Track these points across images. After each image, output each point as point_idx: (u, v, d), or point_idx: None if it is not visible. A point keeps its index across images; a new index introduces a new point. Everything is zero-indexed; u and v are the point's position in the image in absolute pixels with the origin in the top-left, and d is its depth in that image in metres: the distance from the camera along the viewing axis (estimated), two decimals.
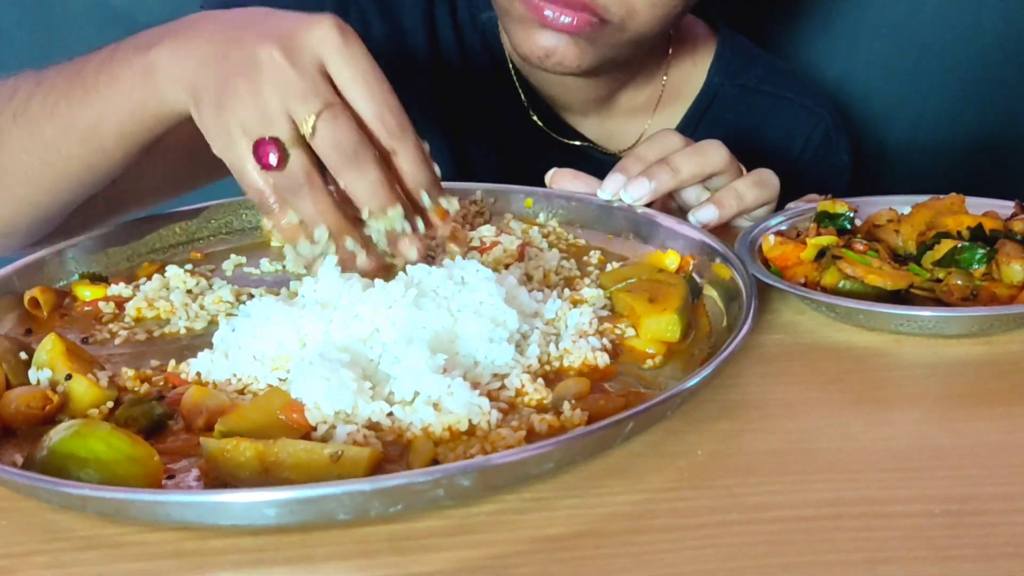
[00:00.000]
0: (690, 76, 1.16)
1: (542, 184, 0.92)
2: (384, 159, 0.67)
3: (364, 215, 0.68)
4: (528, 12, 0.94)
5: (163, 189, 0.98)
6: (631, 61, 1.06)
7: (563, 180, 0.90)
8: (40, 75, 0.80)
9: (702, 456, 0.57)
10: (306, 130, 0.64)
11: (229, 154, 0.67)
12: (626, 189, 0.85)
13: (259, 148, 0.64)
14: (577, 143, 1.14)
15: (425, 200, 0.69)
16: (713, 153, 0.87)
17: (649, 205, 0.86)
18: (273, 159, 0.64)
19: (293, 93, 0.64)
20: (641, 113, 1.16)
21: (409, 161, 0.68)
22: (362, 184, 0.66)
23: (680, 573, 0.48)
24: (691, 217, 0.85)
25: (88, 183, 0.80)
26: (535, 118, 1.13)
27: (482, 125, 1.14)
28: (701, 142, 0.88)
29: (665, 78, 1.15)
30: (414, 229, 0.69)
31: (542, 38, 0.95)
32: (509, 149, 1.14)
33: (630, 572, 0.48)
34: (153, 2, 1.34)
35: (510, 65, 1.12)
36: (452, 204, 0.71)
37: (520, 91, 1.13)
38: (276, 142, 0.64)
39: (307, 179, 0.66)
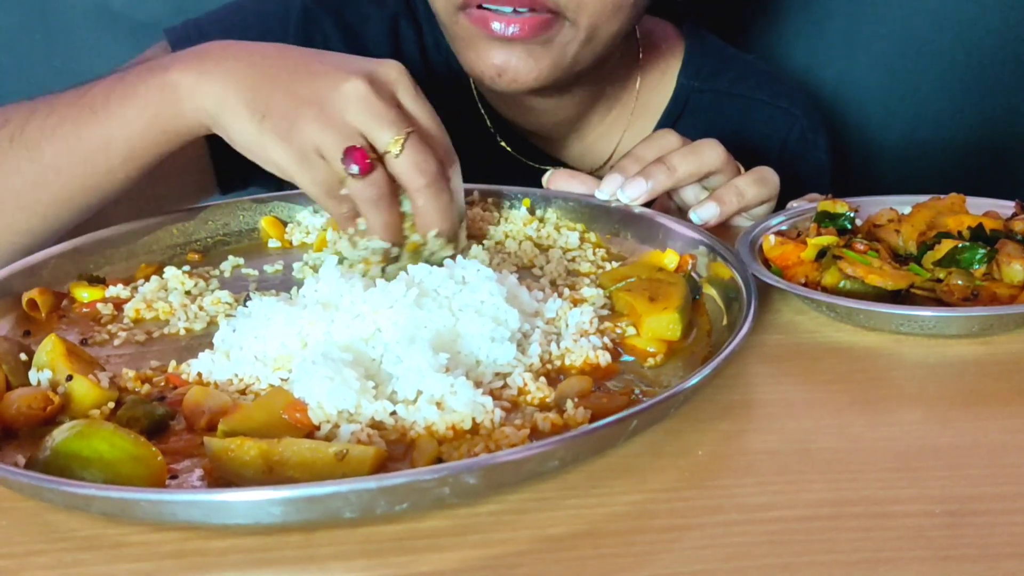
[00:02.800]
0: (660, 84, 1.13)
1: None
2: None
3: (420, 237, 0.74)
4: (474, 25, 0.91)
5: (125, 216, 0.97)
6: (599, 76, 1.02)
7: (560, 181, 0.90)
8: (34, 103, 0.81)
9: (702, 456, 0.58)
10: (395, 150, 0.69)
11: (303, 176, 0.72)
12: (623, 189, 0.85)
13: (351, 154, 0.69)
14: (548, 168, 1.13)
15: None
16: (709, 152, 0.87)
17: (649, 205, 0.86)
18: (360, 167, 0.69)
19: (380, 121, 0.69)
20: (614, 128, 1.12)
21: (458, 179, 0.76)
22: (436, 206, 0.72)
23: (680, 573, 0.48)
24: (692, 215, 0.85)
25: (80, 208, 0.80)
26: (503, 144, 1.11)
27: None
28: (698, 141, 0.88)
29: (638, 86, 1.12)
30: None
31: (492, 54, 0.91)
32: (476, 177, 1.11)
33: (630, 572, 0.48)
34: (153, 4, 1.34)
35: (474, 91, 1.09)
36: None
37: (485, 117, 1.09)
38: (365, 151, 0.69)
39: (388, 190, 0.71)
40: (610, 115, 1.12)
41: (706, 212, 0.85)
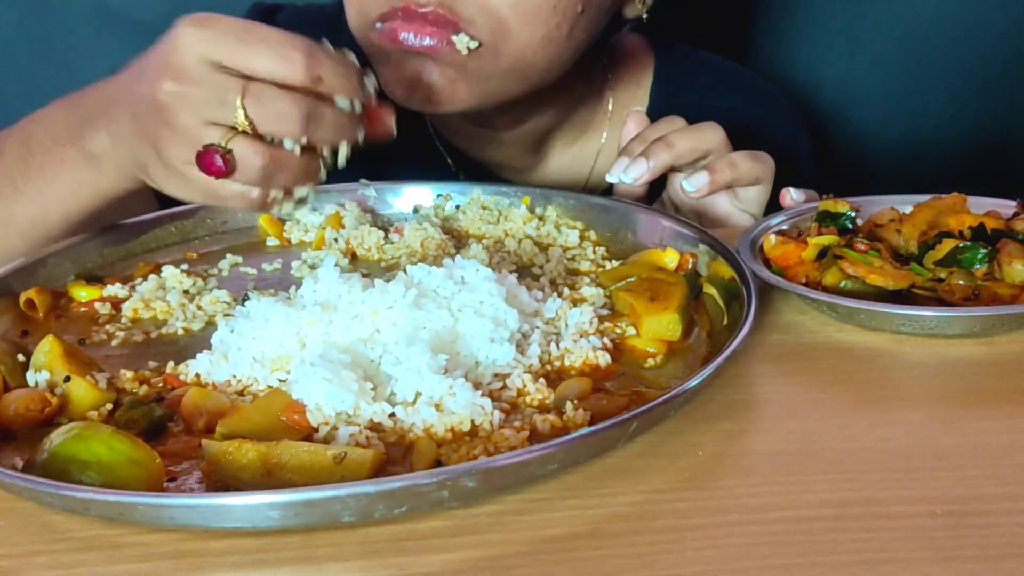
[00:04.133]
0: (632, 102, 1.08)
1: None
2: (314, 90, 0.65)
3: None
4: (383, 40, 0.84)
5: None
6: (562, 100, 0.99)
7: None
8: None
9: (703, 457, 0.57)
10: (243, 124, 0.63)
11: (193, 193, 0.68)
12: (626, 171, 0.87)
13: (201, 161, 0.64)
14: None
15: (370, 97, 0.69)
16: (710, 131, 0.89)
17: (658, 190, 0.88)
18: (219, 162, 0.63)
19: (206, 105, 0.63)
20: (584, 153, 1.07)
21: (333, 76, 0.65)
22: (325, 132, 0.65)
23: (681, 574, 0.48)
24: (685, 183, 0.88)
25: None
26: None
27: None
28: (700, 123, 0.90)
29: (610, 107, 1.07)
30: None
31: (403, 68, 0.85)
32: None
33: (631, 573, 0.48)
34: (153, 3, 1.34)
35: (429, 128, 1.06)
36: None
37: (445, 155, 1.05)
38: (213, 149, 0.64)
39: (264, 158, 0.64)
40: (579, 140, 1.07)
41: (698, 180, 0.87)
